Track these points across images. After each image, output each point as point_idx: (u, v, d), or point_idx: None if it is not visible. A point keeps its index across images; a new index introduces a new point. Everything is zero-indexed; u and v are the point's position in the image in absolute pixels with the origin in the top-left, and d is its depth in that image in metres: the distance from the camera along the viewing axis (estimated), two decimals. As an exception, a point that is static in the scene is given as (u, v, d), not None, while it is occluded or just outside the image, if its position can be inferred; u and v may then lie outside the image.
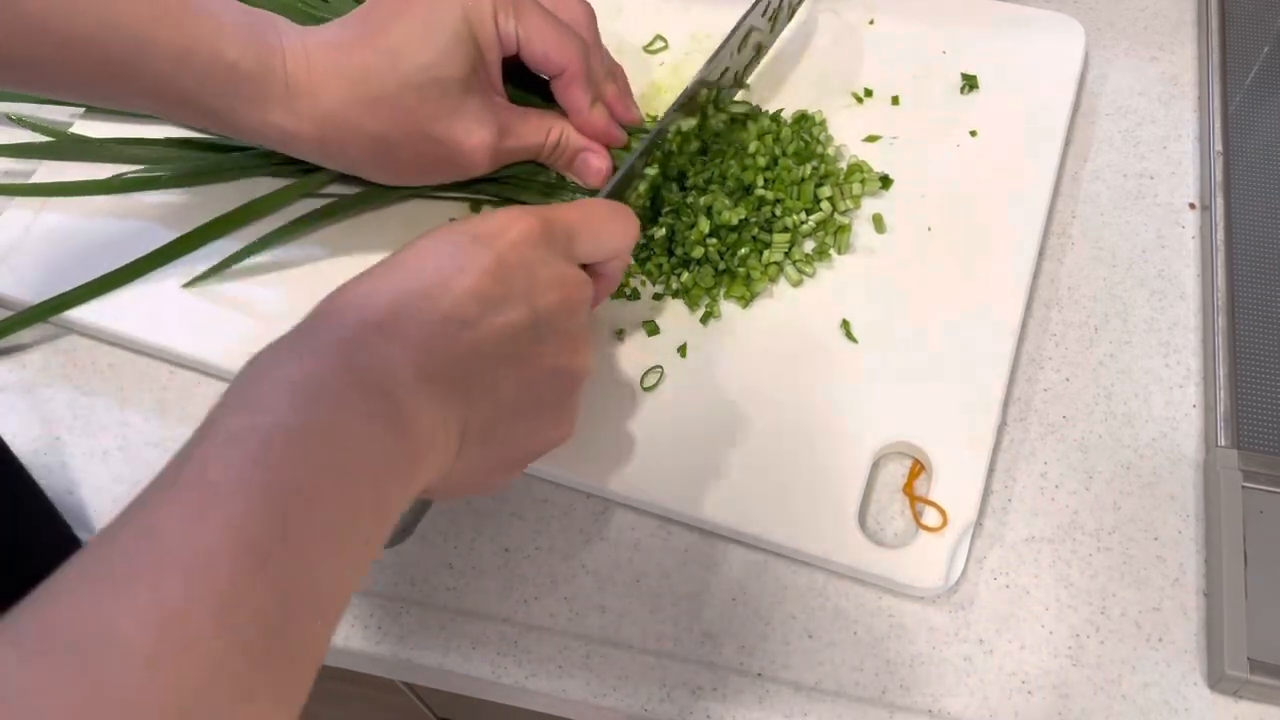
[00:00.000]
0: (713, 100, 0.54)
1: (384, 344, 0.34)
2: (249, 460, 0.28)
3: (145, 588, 0.25)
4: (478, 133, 0.49)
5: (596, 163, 0.52)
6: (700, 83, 0.52)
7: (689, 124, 0.52)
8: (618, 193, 0.49)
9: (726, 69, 0.54)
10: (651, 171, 0.50)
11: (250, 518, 0.27)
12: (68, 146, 0.58)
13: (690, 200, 0.52)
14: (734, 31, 0.53)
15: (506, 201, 0.55)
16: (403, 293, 0.35)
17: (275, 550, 0.27)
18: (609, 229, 0.43)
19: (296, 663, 0.28)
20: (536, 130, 0.51)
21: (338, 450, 0.30)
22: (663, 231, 0.52)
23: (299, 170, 0.56)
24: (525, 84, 0.52)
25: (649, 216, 0.52)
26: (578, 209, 0.42)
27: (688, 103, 0.52)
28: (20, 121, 0.59)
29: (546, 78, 0.51)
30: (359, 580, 0.31)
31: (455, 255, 0.37)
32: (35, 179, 0.58)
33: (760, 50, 0.57)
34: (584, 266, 0.42)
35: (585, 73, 0.50)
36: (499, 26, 0.48)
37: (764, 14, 0.56)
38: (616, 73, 0.54)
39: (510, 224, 0.38)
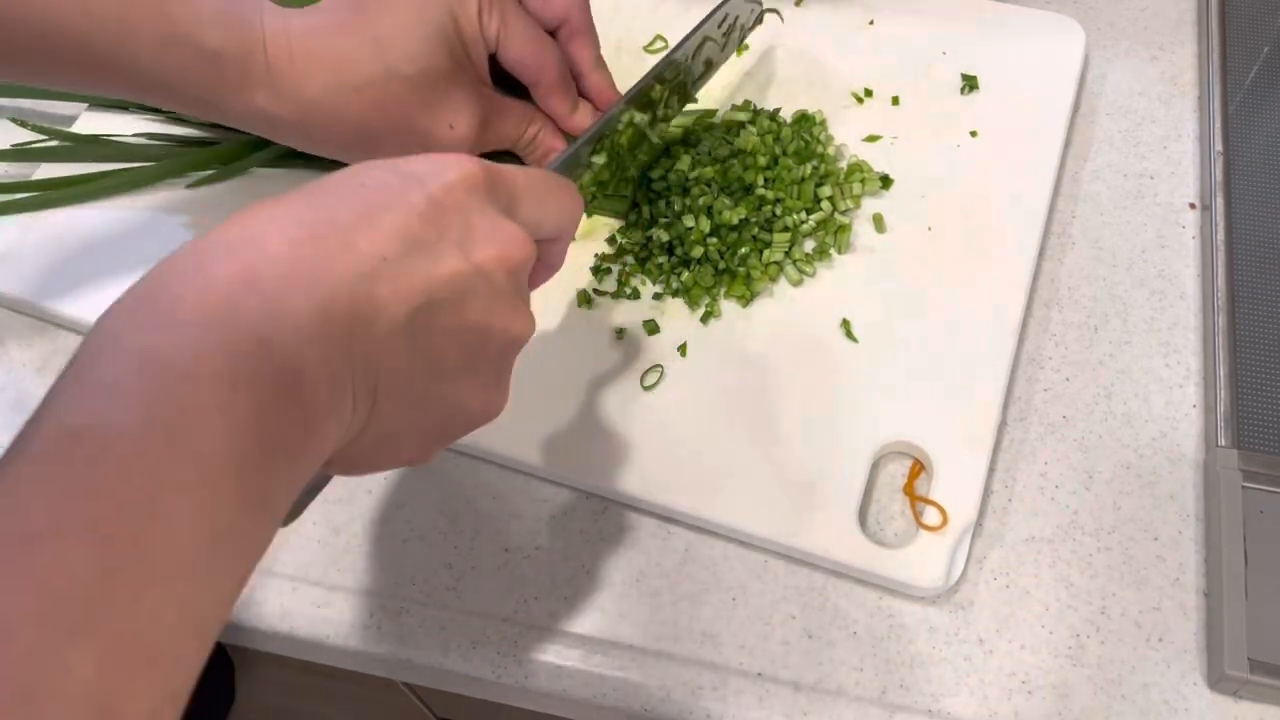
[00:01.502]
0: (664, 101, 0.53)
1: (276, 282, 0.28)
2: (76, 481, 0.23)
3: None
4: (460, 125, 0.49)
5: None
6: (654, 78, 0.51)
7: (641, 118, 0.51)
8: (563, 173, 0.48)
9: (680, 73, 0.54)
10: (599, 160, 0.49)
11: (67, 570, 0.22)
12: (67, 149, 0.58)
13: (690, 201, 0.52)
14: (687, 37, 0.53)
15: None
16: (309, 224, 0.30)
17: (97, 610, 0.22)
18: (554, 199, 0.38)
19: None
20: (517, 124, 0.51)
21: (199, 448, 0.25)
22: (664, 234, 0.52)
23: (299, 164, 0.56)
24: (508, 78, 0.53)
25: (644, 224, 0.52)
26: (523, 171, 0.37)
27: (639, 96, 0.51)
28: (22, 124, 0.59)
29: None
30: (236, 592, 0.26)
31: (380, 190, 0.32)
32: (37, 177, 0.58)
33: (710, 67, 0.57)
34: None
35: (561, 83, 0.51)
36: (482, 24, 0.48)
37: (719, 25, 0.55)
38: (600, 68, 0.54)
39: (448, 165, 0.34)
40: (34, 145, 0.59)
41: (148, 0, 0.44)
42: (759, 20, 0.59)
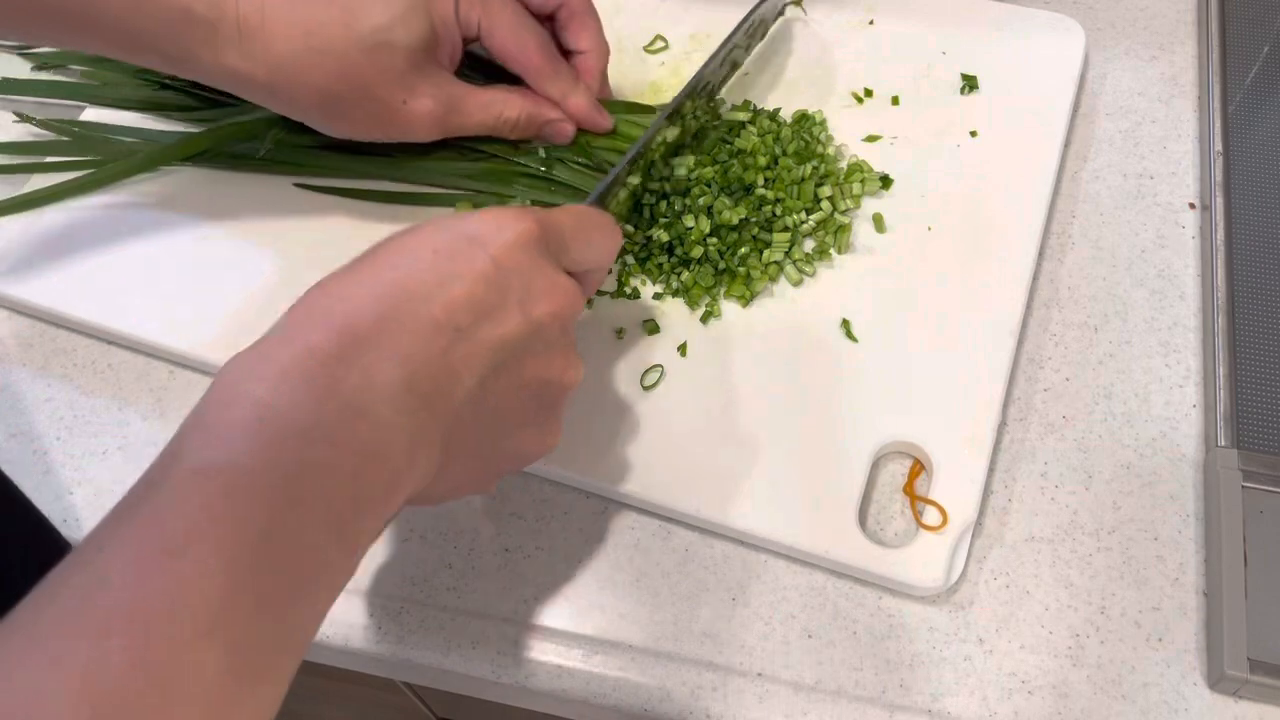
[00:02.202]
0: (693, 113, 0.54)
1: (365, 354, 0.32)
2: (208, 508, 0.27)
3: (83, 655, 0.24)
4: (420, 103, 0.49)
5: (563, 129, 0.52)
6: (687, 95, 0.52)
7: (673, 133, 0.52)
8: (601, 200, 0.49)
9: (708, 83, 0.55)
10: (634, 180, 0.51)
11: (201, 580, 0.26)
12: (69, 144, 0.58)
13: (686, 199, 0.52)
14: (720, 48, 0.54)
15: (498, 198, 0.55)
16: (388, 295, 0.33)
17: (229, 616, 0.26)
18: (597, 237, 0.42)
19: None
20: (486, 107, 0.51)
21: (303, 492, 0.29)
22: (664, 234, 0.52)
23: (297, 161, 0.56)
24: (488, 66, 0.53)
25: (632, 222, 0.52)
26: (570, 215, 0.40)
27: (673, 114, 0.52)
28: (24, 119, 0.59)
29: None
30: (322, 619, 0.30)
31: (447, 256, 0.35)
32: (38, 175, 0.58)
33: (735, 67, 0.58)
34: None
35: (549, 69, 0.51)
36: (460, 12, 0.48)
37: (746, 32, 0.56)
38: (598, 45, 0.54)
39: (506, 225, 0.36)
40: (37, 142, 0.59)
41: None
42: (781, 13, 0.60)
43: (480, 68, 0.54)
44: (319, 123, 0.51)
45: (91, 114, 0.60)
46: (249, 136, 0.56)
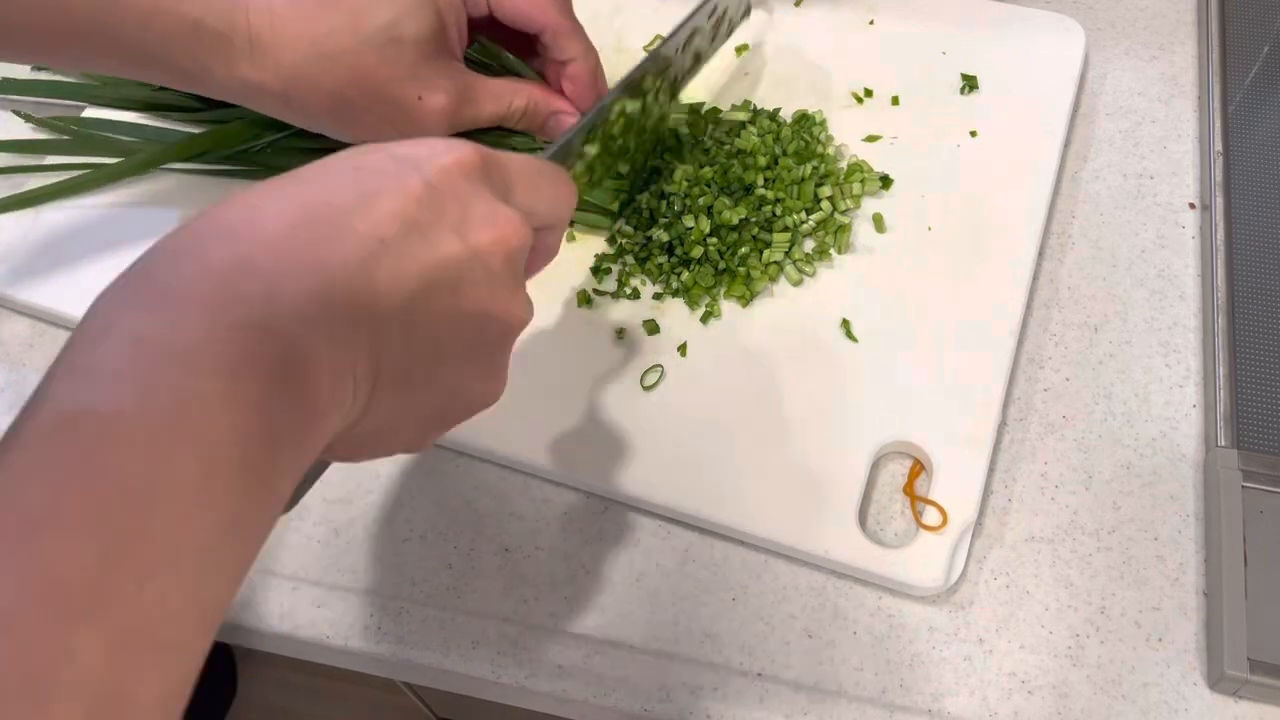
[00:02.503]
0: (654, 93, 0.53)
1: (275, 266, 0.28)
2: (74, 468, 0.23)
3: None
4: (435, 97, 0.48)
5: (568, 122, 0.52)
6: (647, 68, 0.51)
7: (632, 106, 0.51)
8: (556, 162, 0.48)
9: (670, 66, 0.54)
10: (592, 150, 0.49)
11: (73, 554, 0.22)
12: (70, 143, 0.58)
13: (690, 201, 0.52)
14: (677, 29, 0.53)
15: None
16: (306, 207, 0.29)
17: (103, 595, 0.22)
18: (549, 185, 0.38)
19: (150, 714, 0.23)
20: (497, 98, 0.51)
21: (198, 434, 0.24)
22: (664, 234, 0.52)
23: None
24: (499, 40, 0.53)
25: (631, 222, 0.52)
26: (517, 158, 0.37)
27: (631, 86, 0.51)
28: (27, 118, 0.59)
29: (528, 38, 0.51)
30: (238, 582, 0.26)
31: (375, 173, 0.32)
32: (38, 175, 0.58)
33: (699, 60, 0.57)
34: None
35: (568, 25, 0.50)
36: None
37: (709, 17, 0.55)
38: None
39: (443, 149, 0.33)
40: (37, 140, 0.59)
41: None
42: (746, 14, 0.59)
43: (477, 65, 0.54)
44: (332, 129, 0.51)
45: (91, 113, 0.60)
46: (251, 138, 0.56)
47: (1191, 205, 0.57)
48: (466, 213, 0.33)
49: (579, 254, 0.54)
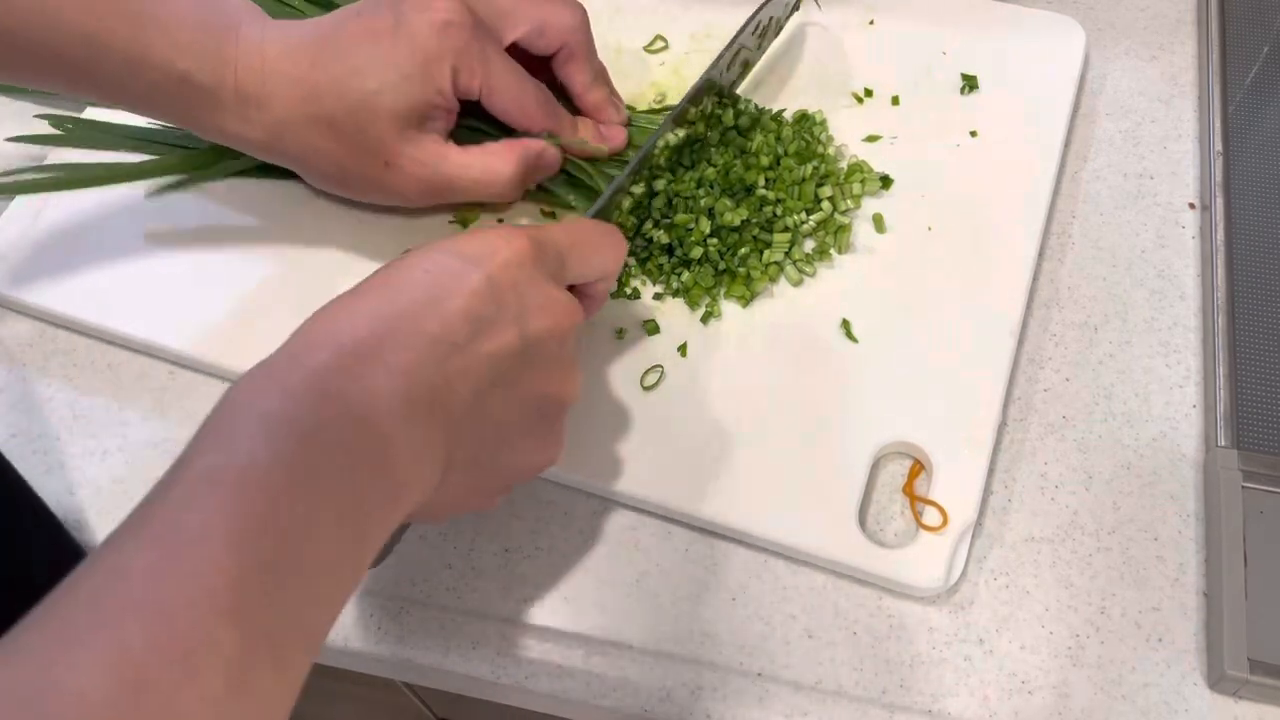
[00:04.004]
0: (703, 117, 0.54)
1: (367, 369, 0.33)
2: (221, 504, 0.28)
3: (105, 637, 0.25)
4: (403, 167, 0.49)
5: (551, 155, 0.52)
6: (691, 99, 0.52)
7: (676, 137, 0.52)
8: (604, 210, 0.49)
9: (716, 85, 0.55)
10: (638, 190, 0.51)
11: (219, 566, 0.27)
12: (76, 135, 0.59)
13: (690, 202, 0.52)
14: (724, 51, 0.54)
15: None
16: (387, 314, 0.34)
17: (243, 600, 0.27)
18: (598, 250, 0.42)
19: (265, 710, 0.27)
20: (468, 168, 0.50)
21: (313, 490, 0.30)
22: (664, 236, 0.52)
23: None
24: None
25: (634, 227, 0.52)
26: (566, 230, 0.41)
27: (677, 118, 0.52)
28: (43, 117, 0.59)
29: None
30: (334, 617, 0.31)
31: (443, 275, 0.36)
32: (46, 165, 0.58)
33: (747, 67, 0.58)
34: (570, 288, 0.41)
35: (550, 121, 0.51)
36: (460, 82, 0.49)
37: (754, 32, 0.56)
38: (600, 76, 0.54)
39: (501, 244, 0.37)
40: (44, 135, 0.59)
41: (120, 20, 0.45)
42: (795, 8, 0.59)
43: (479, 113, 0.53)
44: (319, 182, 0.53)
45: (92, 114, 0.60)
46: None
47: (1191, 205, 0.57)
48: (524, 303, 0.37)
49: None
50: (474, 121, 0.52)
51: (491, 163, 0.50)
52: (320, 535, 0.30)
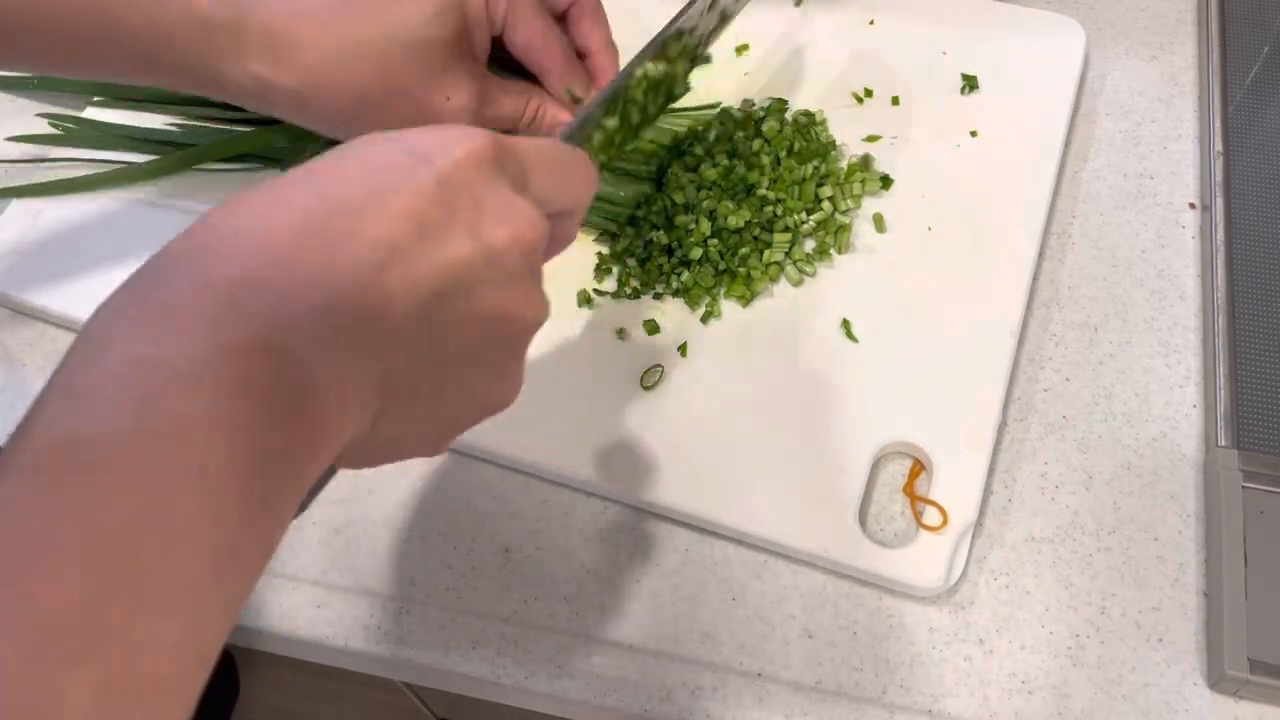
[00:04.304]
0: (679, 54, 0.52)
1: (279, 278, 0.26)
2: (63, 499, 0.22)
3: None
4: (457, 96, 0.48)
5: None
6: (671, 33, 0.51)
7: (654, 68, 0.51)
8: (574, 140, 0.48)
9: (695, 28, 0.53)
10: (611, 122, 0.48)
11: (63, 591, 0.21)
12: (79, 134, 0.59)
13: (694, 204, 0.52)
14: None
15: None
16: (313, 210, 0.28)
17: (94, 634, 0.21)
18: (567, 171, 0.36)
19: None
20: (516, 102, 0.51)
21: (196, 462, 0.23)
22: (664, 236, 0.52)
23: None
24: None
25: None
26: (533, 144, 0.35)
27: (654, 50, 0.50)
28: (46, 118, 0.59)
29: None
30: (233, 619, 0.25)
31: (385, 170, 0.30)
32: (44, 168, 0.58)
33: (724, 18, 0.56)
34: None
35: (568, 69, 0.50)
36: (490, 5, 0.48)
37: None
38: (608, 49, 0.53)
39: (456, 140, 0.31)
40: (44, 134, 0.59)
41: None
42: None
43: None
44: (349, 130, 0.48)
45: (92, 113, 0.60)
46: (294, 139, 0.56)
47: (1191, 205, 0.57)
48: (481, 208, 0.31)
49: (579, 254, 0.54)
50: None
51: (531, 100, 0.50)
52: (213, 521, 0.23)
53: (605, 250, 0.54)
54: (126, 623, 0.21)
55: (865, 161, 0.56)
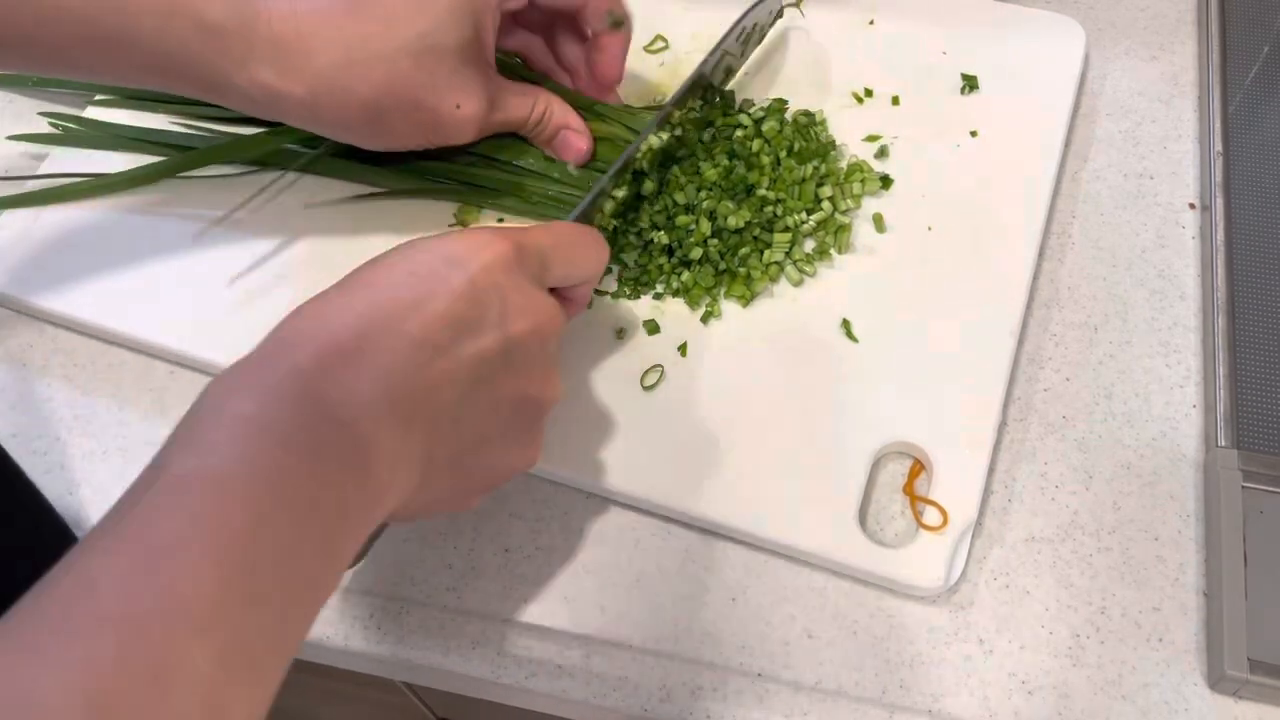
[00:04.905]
0: (689, 120, 0.54)
1: (347, 371, 0.32)
2: (196, 512, 0.27)
3: (76, 652, 0.24)
4: (468, 103, 0.49)
5: (577, 142, 0.52)
6: (676, 102, 0.52)
7: (660, 140, 0.52)
8: (586, 214, 0.49)
9: (702, 88, 0.55)
10: (620, 193, 0.50)
11: (194, 577, 0.26)
12: (80, 134, 0.59)
13: (695, 205, 0.53)
14: (709, 55, 0.54)
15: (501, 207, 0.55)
16: (369, 315, 0.34)
17: (219, 613, 0.26)
18: (581, 254, 0.42)
19: None
20: (523, 104, 0.51)
21: (289, 498, 0.29)
22: (663, 237, 0.52)
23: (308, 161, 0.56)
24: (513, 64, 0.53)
25: (615, 230, 0.52)
26: (549, 233, 0.41)
27: (660, 122, 0.52)
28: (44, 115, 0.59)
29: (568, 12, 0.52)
30: (310, 624, 0.31)
31: (426, 276, 0.36)
32: (44, 168, 0.58)
33: (730, 73, 0.58)
34: (552, 291, 0.41)
35: (606, 6, 0.51)
36: None
37: (738, 38, 0.56)
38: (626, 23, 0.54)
39: (483, 246, 0.37)
40: (44, 134, 0.59)
41: None
42: (778, 16, 0.59)
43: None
44: (362, 138, 0.50)
45: (93, 113, 0.60)
46: (295, 140, 0.56)
47: (1191, 205, 0.57)
48: (506, 305, 0.37)
49: (579, 254, 0.54)
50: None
51: (539, 101, 0.51)
52: (298, 543, 0.29)
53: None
54: (240, 612, 0.27)
55: (882, 150, 0.56)
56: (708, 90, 0.55)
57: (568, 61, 0.55)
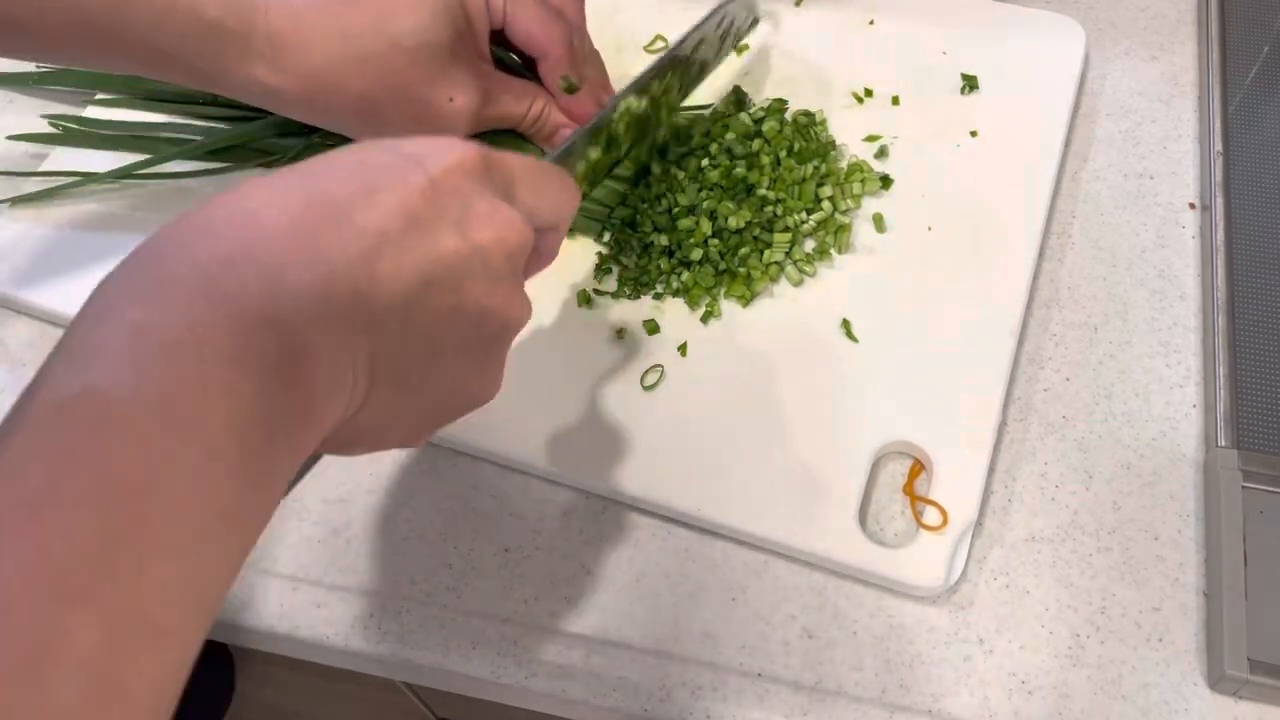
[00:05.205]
0: (662, 93, 0.53)
1: (278, 260, 0.27)
2: (74, 455, 0.23)
3: None
4: (461, 98, 0.49)
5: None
6: (655, 68, 0.52)
7: (637, 103, 0.51)
8: (559, 163, 0.48)
9: (679, 69, 0.54)
10: (595, 153, 0.49)
11: (70, 534, 0.22)
12: (81, 133, 0.59)
13: (696, 206, 0.52)
14: (687, 35, 0.53)
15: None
16: (308, 200, 0.29)
17: (103, 575, 0.22)
18: (551, 187, 0.38)
19: (150, 701, 0.23)
20: (519, 100, 0.51)
21: (199, 419, 0.24)
22: (663, 238, 0.52)
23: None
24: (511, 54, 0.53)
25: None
26: (520, 158, 0.37)
27: (638, 86, 0.51)
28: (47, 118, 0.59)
29: (530, 57, 0.52)
30: (236, 568, 0.26)
31: (380, 168, 0.31)
32: (45, 168, 0.58)
33: (703, 70, 0.57)
34: None
35: (570, 57, 0.51)
36: (489, 2, 0.48)
37: (717, 27, 0.56)
38: (593, 59, 0.54)
39: (447, 148, 0.33)
40: (44, 134, 0.59)
41: None
42: (753, 25, 0.60)
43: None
44: (354, 130, 0.51)
45: (93, 112, 0.60)
46: (283, 134, 0.56)
47: (1191, 205, 0.57)
48: (468, 210, 0.33)
49: (579, 254, 0.54)
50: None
51: (535, 98, 0.51)
52: (211, 478, 0.24)
53: (605, 250, 0.54)
54: (133, 567, 0.22)
55: (882, 150, 0.56)
56: (684, 73, 0.55)
57: (549, 85, 0.55)
